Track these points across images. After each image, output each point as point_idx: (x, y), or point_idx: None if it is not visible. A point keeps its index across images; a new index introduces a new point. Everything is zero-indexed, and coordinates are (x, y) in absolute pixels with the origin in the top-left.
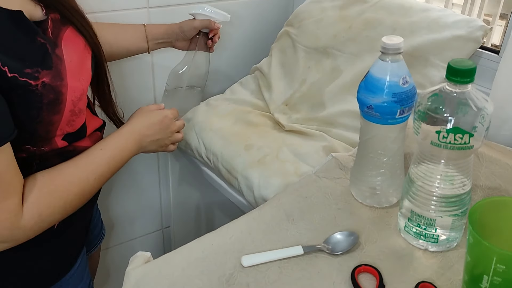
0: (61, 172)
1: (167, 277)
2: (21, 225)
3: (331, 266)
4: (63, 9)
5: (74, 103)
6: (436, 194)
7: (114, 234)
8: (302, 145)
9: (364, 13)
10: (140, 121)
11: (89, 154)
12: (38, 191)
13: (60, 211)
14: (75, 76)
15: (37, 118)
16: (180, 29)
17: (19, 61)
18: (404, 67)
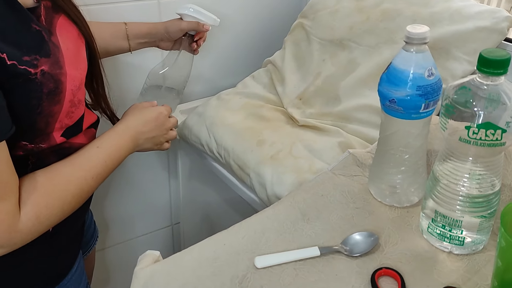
0: (58, 171)
1: (177, 278)
2: (18, 228)
3: (350, 268)
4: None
5: (74, 92)
6: (462, 193)
7: (124, 230)
8: (316, 140)
9: (382, 3)
10: (135, 118)
11: (85, 152)
12: (35, 191)
13: (58, 213)
14: (73, 65)
15: (37, 109)
16: (165, 29)
17: (17, 48)
18: (430, 58)
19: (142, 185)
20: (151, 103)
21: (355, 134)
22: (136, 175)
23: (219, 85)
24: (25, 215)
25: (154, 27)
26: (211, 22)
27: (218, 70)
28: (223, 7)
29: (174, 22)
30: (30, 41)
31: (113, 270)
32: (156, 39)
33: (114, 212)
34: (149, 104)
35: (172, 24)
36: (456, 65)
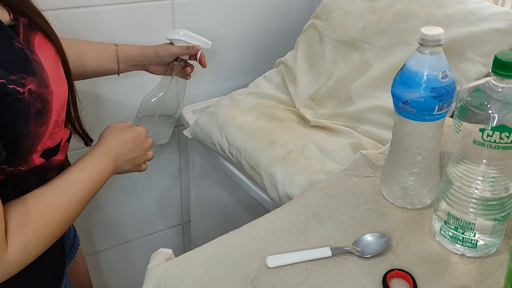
0: (43, 197)
1: (190, 276)
2: (6, 259)
3: (361, 269)
4: (30, 14)
5: (59, 112)
6: (475, 196)
7: (135, 227)
8: (328, 141)
9: (396, 4)
10: (114, 140)
11: (68, 176)
12: (20, 219)
13: (46, 240)
14: (56, 83)
15: (23, 130)
16: (155, 53)
17: (3, 66)
18: (444, 60)
19: (154, 184)
20: (127, 123)
21: (367, 135)
22: (147, 173)
23: (231, 85)
24: (12, 246)
25: (144, 50)
26: (203, 45)
27: (230, 70)
28: (235, 7)
29: (164, 47)
30: (15, 60)
31: (124, 267)
32: (145, 62)
33: (126, 210)
34: (125, 124)
35: (163, 48)
36: (470, 67)
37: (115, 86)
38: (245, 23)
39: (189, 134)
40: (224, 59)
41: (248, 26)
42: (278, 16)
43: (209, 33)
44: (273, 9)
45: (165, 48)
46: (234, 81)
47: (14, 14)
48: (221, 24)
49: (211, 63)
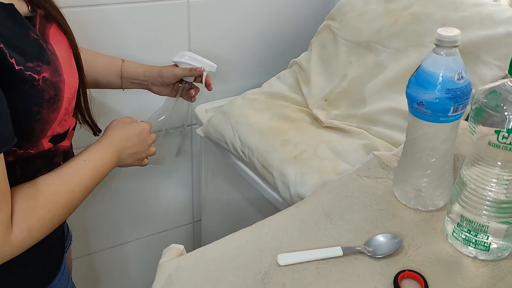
0: (47, 183)
1: (201, 271)
2: (10, 240)
3: (372, 270)
4: (47, 6)
5: (69, 101)
6: (489, 198)
7: (146, 225)
8: (341, 142)
9: (411, 6)
10: (118, 134)
11: (73, 165)
12: (26, 203)
13: (49, 225)
14: (68, 73)
15: (37, 115)
16: (159, 73)
17: (21, 54)
18: (460, 61)
19: (165, 182)
20: (132, 118)
21: (380, 137)
22: (160, 171)
23: (244, 85)
24: (17, 228)
25: (148, 70)
26: (208, 68)
27: (244, 70)
28: (251, 8)
29: (168, 68)
30: (31, 49)
31: (134, 265)
32: (148, 82)
33: (137, 208)
34: (130, 119)
35: (167, 69)
36: (486, 70)
37: None
38: (260, 23)
39: (202, 132)
40: (238, 59)
41: (263, 26)
42: (292, 17)
43: (224, 33)
44: (288, 10)
45: (169, 69)
46: (248, 81)
47: (32, 6)
48: (236, 24)
49: (225, 63)
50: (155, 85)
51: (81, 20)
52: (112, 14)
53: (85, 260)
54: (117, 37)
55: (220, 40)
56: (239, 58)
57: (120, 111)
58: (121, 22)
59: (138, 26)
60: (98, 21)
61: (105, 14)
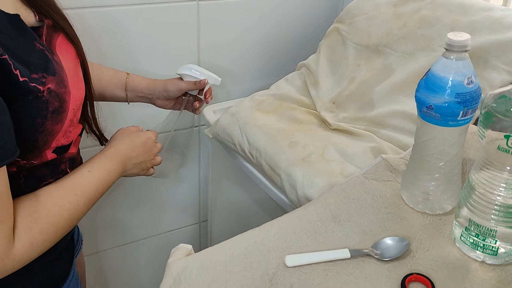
0: (50, 195)
1: (209, 271)
2: (12, 254)
3: (380, 272)
4: (55, 16)
5: (75, 112)
6: (498, 203)
7: (152, 225)
8: (349, 144)
9: (420, 10)
10: (123, 143)
11: (77, 177)
12: (28, 216)
13: (51, 238)
14: (74, 84)
15: (40, 127)
16: (163, 87)
17: (25, 65)
18: (470, 66)
19: (172, 182)
20: (137, 127)
21: (388, 140)
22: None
23: (252, 86)
24: (19, 241)
25: (153, 83)
26: (212, 81)
27: (252, 72)
28: (260, 10)
29: (173, 82)
30: (37, 60)
31: (141, 263)
32: (153, 96)
33: (143, 207)
34: (136, 128)
35: (172, 83)
36: (495, 74)
37: None
38: (270, 26)
39: (210, 133)
40: (247, 61)
41: (272, 29)
42: (301, 20)
43: (233, 34)
44: (297, 13)
45: (173, 83)
46: (256, 83)
47: (39, 16)
48: (245, 26)
49: (234, 64)
50: (159, 99)
51: (85, 22)
52: (119, 15)
53: (92, 259)
54: (122, 39)
55: (229, 41)
56: (248, 60)
57: (127, 120)
58: (128, 23)
59: (146, 28)
60: (103, 23)
61: (110, 16)
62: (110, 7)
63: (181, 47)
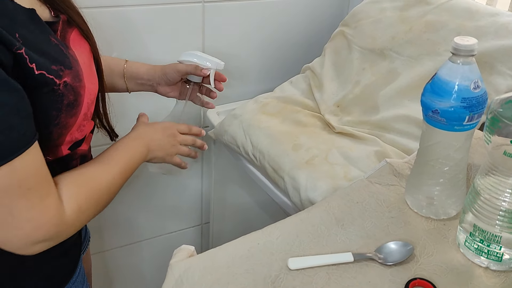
0: (87, 169)
1: (211, 273)
2: (64, 220)
3: (383, 277)
4: (69, 11)
5: (89, 106)
6: (503, 208)
7: (155, 226)
8: (353, 148)
9: (426, 15)
10: (143, 127)
11: (108, 154)
12: (73, 185)
13: (96, 206)
14: (89, 78)
15: (55, 119)
16: (162, 71)
17: (45, 57)
18: (476, 70)
19: (175, 183)
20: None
21: (392, 144)
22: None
23: (257, 88)
24: (69, 208)
25: (152, 68)
26: (214, 66)
27: (256, 74)
28: (266, 13)
29: (171, 65)
30: (53, 53)
31: (143, 264)
32: (153, 82)
33: (146, 208)
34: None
35: (170, 66)
36: (500, 80)
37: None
38: (274, 28)
39: (213, 135)
40: (251, 63)
41: (277, 31)
42: (306, 23)
43: (238, 36)
44: (302, 16)
45: (171, 66)
46: (260, 85)
47: (54, 12)
48: (250, 28)
49: (239, 66)
50: (160, 84)
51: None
52: (125, 15)
53: (95, 258)
54: (130, 38)
55: (234, 43)
56: (252, 62)
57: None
58: (132, 24)
59: (151, 28)
60: (112, 22)
61: (119, 16)
62: (117, 7)
63: (186, 47)
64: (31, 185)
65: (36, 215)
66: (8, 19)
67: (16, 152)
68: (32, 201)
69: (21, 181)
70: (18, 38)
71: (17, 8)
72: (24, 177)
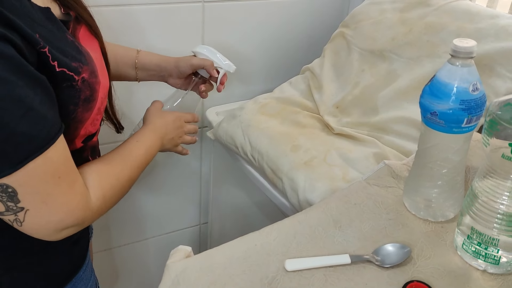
0: (109, 159)
1: (208, 274)
2: (90, 206)
3: (380, 279)
4: (78, 8)
5: (102, 100)
6: (501, 211)
7: (152, 226)
8: (351, 149)
9: (427, 16)
10: (158, 121)
11: (128, 146)
12: (97, 174)
13: (118, 194)
14: (102, 74)
15: (72, 114)
16: (175, 63)
17: (64, 55)
18: (475, 73)
19: (174, 184)
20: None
21: (391, 146)
22: (169, 173)
23: (256, 89)
24: (94, 195)
25: (165, 60)
26: (226, 67)
27: (256, 74)
28: (265, 13)
29: (185, 58)
30: (71, 50)
31: (138, 264)
32: (165, 73)
33: (144, 208)
34: (159, 103)
35: (184, 59)
36: (500, 82)
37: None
38: (274, 29)
39: (212, 135)
40: (251, 63)
41: (277, 32)
42: (306, 24)
43: (237, 37)
44: (302, 16)
45: (185, 59)
46: (260, 85)
47: (64, 8)
48: (250, 28)
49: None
50: (171, 76)
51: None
52: (125, 14)
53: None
54: (133, 36)
55: (233, 43)
56: (252, 62)
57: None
58: (133, 23)
59: (151, 28)
60: (117, 21)
61: (123, 14)
62: (116, 6)
63: (186, 47)
64: (62, 172)
65: (67, 200)
66: (30, 18)
67: (50, 142)
68: (63, 187)
69: (54, 170)
70: (39, 37)
71: (34, 7)
72: (57, 165)
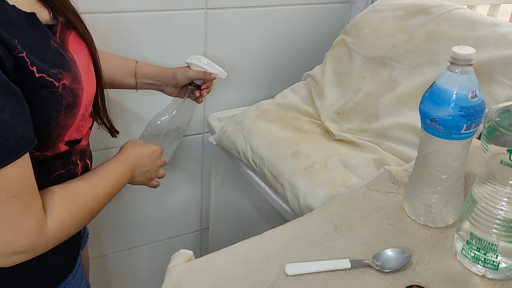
0: (75, 186)
1: (209, 277)
2: (45, 233)
3: (380, 284)
4: (67, 13)
5: (86, 107)
6: (500, 217)
7: (154, 231)
8: (352, 155)
9: (427, 24)
10: (133, 152)
11: (97, 174)
12: (59, 201)
13: (77, 223)
14: (87, 80)
15: (54, 121)
16: (173, 75)
17: (44, 61)
18: (474, 80)
19: (175, 189)
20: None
21: (391, 152)
22: (170, 177)
23: (257, 95)
24: (51, 222)
25: (162, 70)
26: (220, 75)
27: (258, 80)
28: (268, 20)
29: (182, 70)
30: (53, 56)
31: (142, 269)
32: (162, 83)
33: (146, 213)
34: (142, 142)
35: (180, 71)
36: (499, 90)
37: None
38: (276, 35)
39: (214, 141)
40: (253, 69)
41: (279, 39)
42: (308, 31)
43: (240, 43)
44: (303, 24)
45: (182, 71)
46: (261, 92)
47: (53, 13)
48: (252, 35)
49: (240, 73)
50: (168, 86)
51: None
52: (129, 21)
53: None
54: (130, 45)
55: (236, 50)
56: (254, 69)
57: (137, 112)
58: (136, 30)
59: (155, 34)
60: (113, 28)
61: (120, 21)
62: (120, 12)
63: (188, 54)
64: (17, 192)
65: (18, 222)
66: (9, 24)
67: (11, 158)
68: (16, 208)
69: (10, 187)
70: (17, 43)
71: (18, 14)
72: (13, 184)
